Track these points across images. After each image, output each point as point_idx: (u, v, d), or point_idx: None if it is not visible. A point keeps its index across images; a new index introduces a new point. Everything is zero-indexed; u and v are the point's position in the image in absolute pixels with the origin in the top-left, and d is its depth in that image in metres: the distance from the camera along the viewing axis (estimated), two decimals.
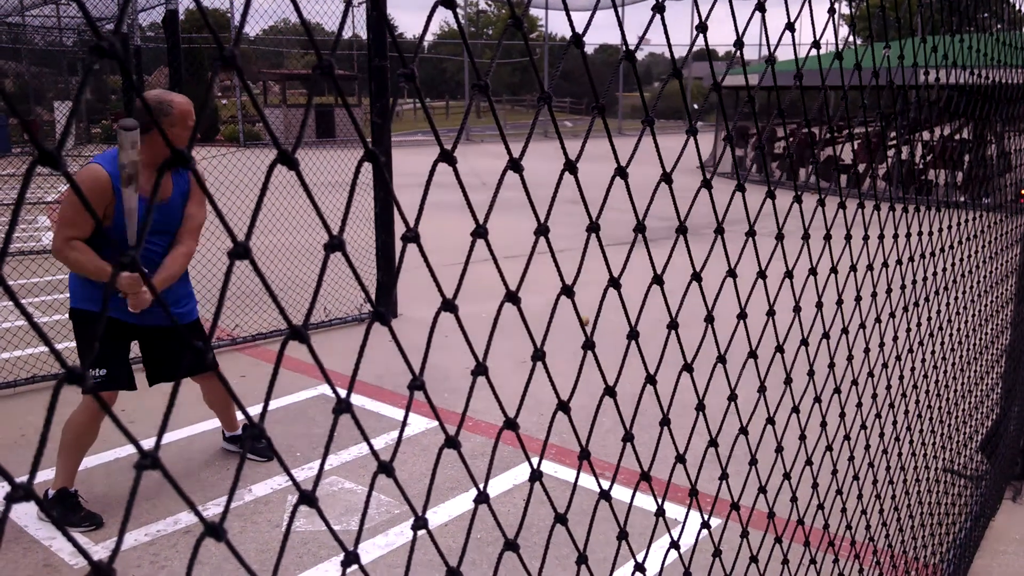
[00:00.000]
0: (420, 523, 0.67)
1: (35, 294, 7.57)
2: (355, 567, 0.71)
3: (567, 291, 0.73)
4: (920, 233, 2.10)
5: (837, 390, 1.52)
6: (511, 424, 0.72)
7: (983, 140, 3.99)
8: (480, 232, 0.62)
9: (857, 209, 1.61)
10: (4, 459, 4.54)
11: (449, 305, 0.63)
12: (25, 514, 3.95)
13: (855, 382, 1.61)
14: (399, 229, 6.87)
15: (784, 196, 1.25)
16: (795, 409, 1.32)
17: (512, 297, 0.68)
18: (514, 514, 3.86)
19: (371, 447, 0.67)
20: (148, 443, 4.69)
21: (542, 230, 0.68)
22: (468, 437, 4.85)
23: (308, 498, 0.59)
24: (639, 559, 0.98)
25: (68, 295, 4.00)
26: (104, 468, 4.39)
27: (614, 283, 0.78)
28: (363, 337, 0.64)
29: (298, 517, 3.95)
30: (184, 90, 6.23)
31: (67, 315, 3.98)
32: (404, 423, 0.68)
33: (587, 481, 4.26)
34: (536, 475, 0.75)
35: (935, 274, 2.23)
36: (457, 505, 4.04)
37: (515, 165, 0.66)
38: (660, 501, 0.99)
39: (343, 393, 0.64)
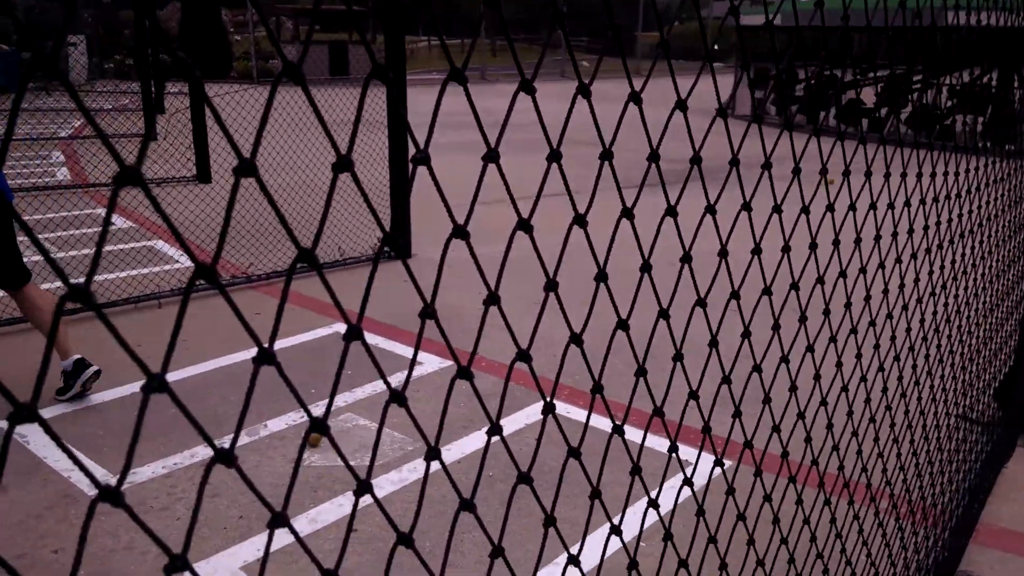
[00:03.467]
0: (432, 454, 0.66)
1: (51, 229, 7.60)
2: (368, 498, 0.71)
3: (579, 220, 0.71)
4: (945, 173, 2.05)
5: (853, 330, 1.50)
6: (523, 356, 0.71)
7: (1009, 85, 3.88)
8: (492, 156, 0.60)
9: (877, 150, 1.56)
10: (18, 394, 4.60)
11: (460, 231, 0.61)
12: (44, 445, 4.02)
13: (872, 323, 1.59)
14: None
15: (802, 139, 1.22)
16: (810, 348, 1.30)
17: (524, 225, 0.66)
18: (526, 453, 3.90)
19: (384, 377, 0.65)
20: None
21: (555, 155, 0.66)
22: (482, 377, 4.88)
23: (320, 425, 0.58)
24: (652, 495, 0.97)
25: (83, 231, 4.01)
26: (119, 403, 4.45)
27: (627, 213, 0.75)
28: (371, 269, 0.62)
29: (313, 453, 4.00)
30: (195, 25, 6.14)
31: (83, 251, 4.00)
32: (416, 351, 0.67)
33: (599, 422, 4.28)
34: (549, 407, 0.74)
35: (959, 216, 2.18)
36: (470, 443, 4.08)
37: (527, 86, 0.63)
38: (673, 438, 0.98)
39: (358, 329, 0.63)
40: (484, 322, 0.70)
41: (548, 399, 0.73)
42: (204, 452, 3.98)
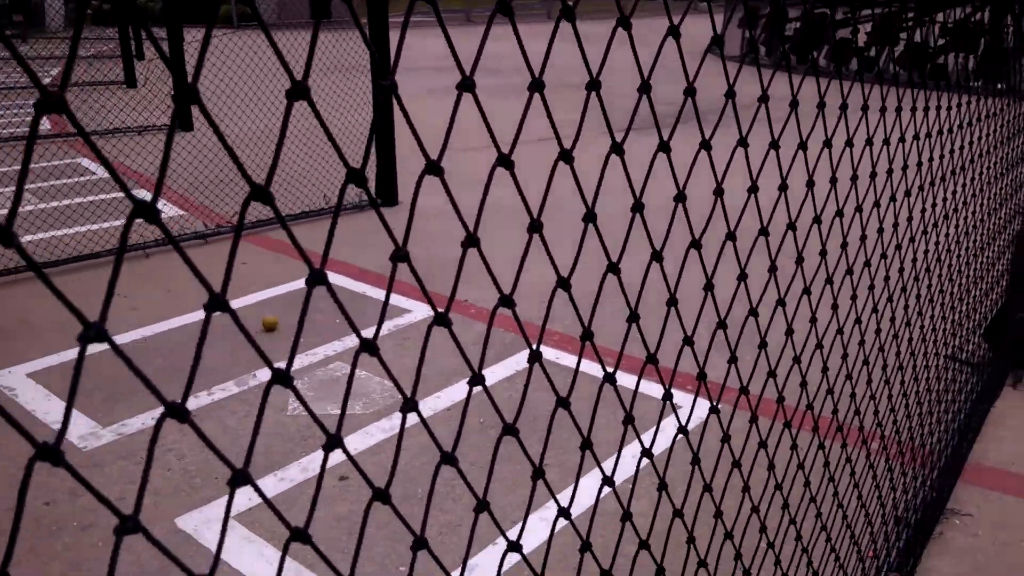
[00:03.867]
0: (409, 405, 0.62)
1: (30, 180, 7.47)
2: (360, 446, 0.67)
3: (564, 156, 0.67)
4: (938, 108, 2.00)
5: (849, 271, 1.47)
6: (506, 301, 0.67)
7: (1001, 22, 3.80)
8: (467, 85, 0.55)
9: (871, 89, 1.52)
10: (5, 347, 4.56)
11: (434, 168, 0.57)
12: (32, 399, 4.00)
13: (867, 263, 1.55)
14: (398, 112, 6.70)
15: (796, 79, 1.17)
16: (806, 291, 1.26)
17: (504, 161, 0.62)
18: (516, 399, 3.89)
19: (352, 324, 0.62)
20: (147, 330, 4.70)
21: (537, 85, 0.61)
22: (470, 326, 4.86)
23: (282, 377, 0.54)
24: (646, 443, 0.95)
25: (63, 181, 3.92)
26: (109, 354, 4.40)
27: (616, 149, 0.71)
28: (333, 217, 0.58)
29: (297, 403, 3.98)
30: None
31: (64, 201, 3.92)
32: (388, 294, 0.63)
33: (590, 368, 4.28)
34: (535, 355, 0.70)
35: (951, 152, 2.14)
36: (460, 391, 4.08)
37: (504, 6, 0.58)
38: (667, 384, 0.95)
39: (347, 284, 0.59)
40: (462, 263, 0.66)
41: (534, 347, 0.70)
42: (193, 404, 3.96)
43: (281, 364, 0.64)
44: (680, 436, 1.07)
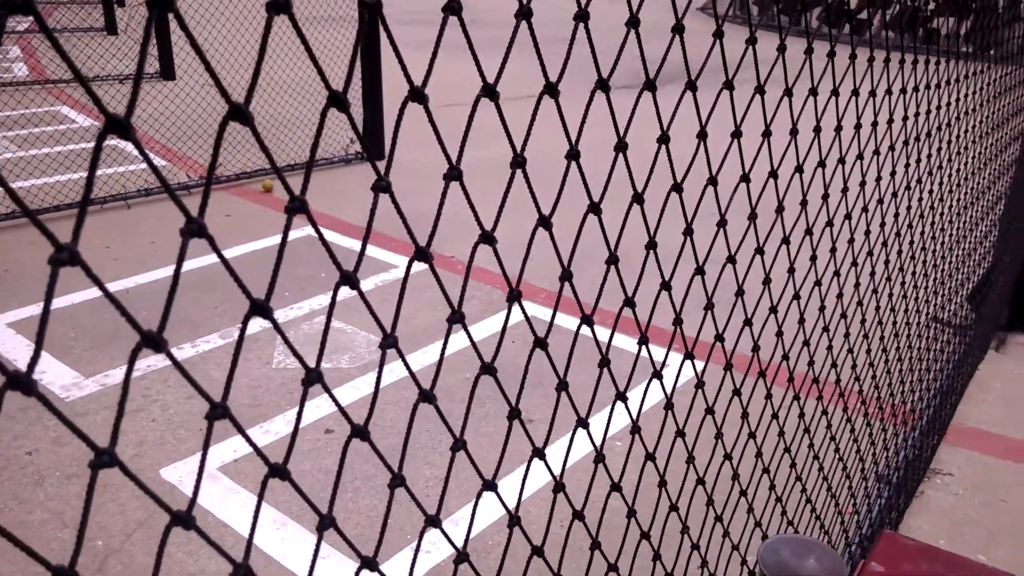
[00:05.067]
0: (389, 342, 0.62)
1: (8, 127, 7.35)
2: (344, 399, 0.67)
3: (550, 89, 0.66)
4: (927, 61, 1.99)
5: (830, 223, 1.47)
6: (488, 238, 0.67)
7: None
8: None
9: (854, 52, 1.51)
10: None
11: (418, 95, 0.56)
12: (14, 348, 3.98)
13: (848, 216, 1.56)
14: (386, 68, 6.61)
15: (789, 41, 1.16)
16: (785, 240, 1.27)
17: (490, 92, 0.61)
18: (503, 354, 3.91)
19: (337, 263, 0.61)
20: (129, 281, 4.68)
21: (524, 12, 0.60)
22: (456, 281, 4.85)
23: (262, 307, 0.54)
24: (621, 389, 0.96)
25: (43, 128, 3.86)
26: (90, 305, 4.39)
27: (602, 85, 0.70)
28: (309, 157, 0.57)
29: (288, 355, 3.99)
30: None
31: (44, 149, 3.86)
32: (365, 242, 0.62)
33: (572, 323, 4.30)
34: (514, 296, 0.70)
35: (937, 108, 2.14)
36: (448, 345, 4.09)
37: None
38: (644, 330, 0.96)
39: (333, 239, 0.58)
40: (444, 197, 0.65)
41: (514, 286, 0.70)
42: (179, 355, 3.96)
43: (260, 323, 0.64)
44: (656, 387, 1.07)
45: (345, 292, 3.19)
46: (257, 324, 4.28)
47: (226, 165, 6.50)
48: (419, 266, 3.29)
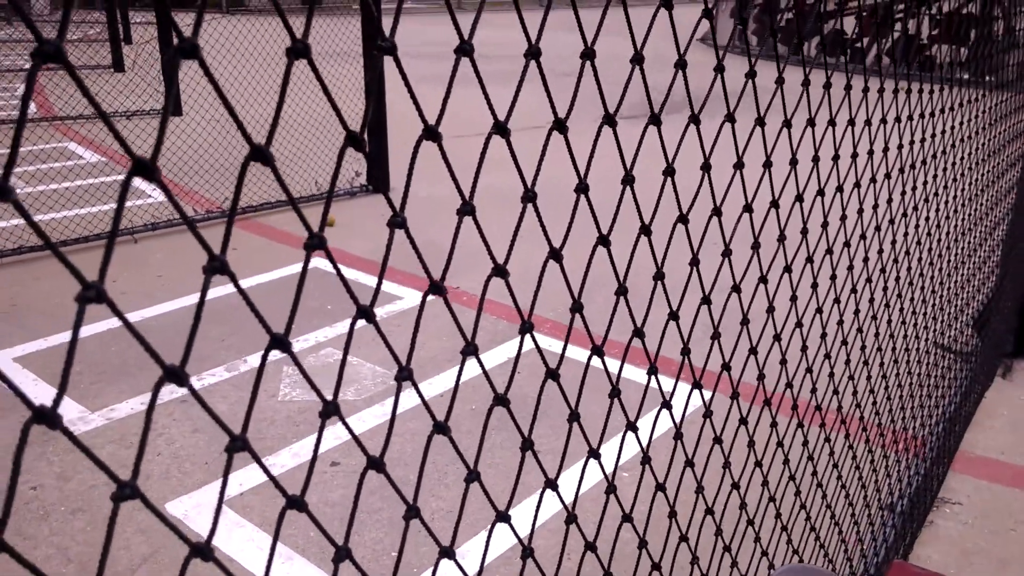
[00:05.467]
0: (404, 374, 0.64)
1: (17, 164, 7.41)
2: (348, 433, 0.69)
3: (559, 126, 0.68)
4: (920, 91, 2.01)
5: (829, 251, 1.48)
6: (500, 271, 0.68)
7: (990, 15, 3.82)
8: (464, 49, 0.56)
9: (852, 77, 1.53)
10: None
11: (433, 134, 0.58)
12: (21, 383, 3.99)
13: (847, 243, 1.57)
14: (390, 100, 6.68)
15: (788, 70, 1.18)
16: (787, 269, 1.28)
17: (501, 129, 0.63)
18: (514, 386, 3.91)
19: (348, 288, 0.63)
20: (136, 315, 4.69)
21: (534, 53, 0.62)
22: (462, 312, 4.87)
23: (280, 341, 0.55)
24: (631, 419, 0.96)
25: (51, 164, 3.90)
26: (98, 339, 4.41)
27: (608, 120, 0.72)
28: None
29: (294, 387, 3.99)
30: None
31: (52, 185, 3.90)
32: (381, 276, 0.64)
33: (580, 354, 4.29)
34: (526, 327, 0.72)
35: (932, 136, 2.16)
36: (452, 378, 4.09)
37: None
38: (653, 359, 0.97)
39: (338, 269, 0.60)
40: (458, 232, 0.67)
41: (526, 318, 0.71)
42: (183, 389, 3.96)
43: (274, 352, 0.65)
44: (665, 418, 1.08)
45: (348, 324, 3.18)
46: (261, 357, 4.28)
47: (231, 199, 6.55)
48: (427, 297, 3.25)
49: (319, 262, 5.60)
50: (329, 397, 0.65)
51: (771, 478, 1.47)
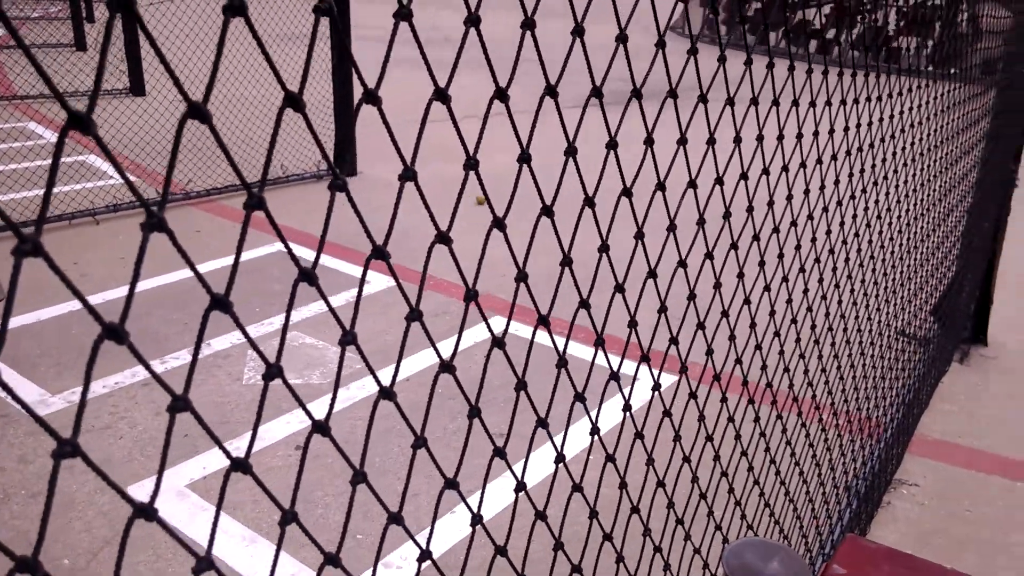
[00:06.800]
0: (346, 339, 0.64)
1: None
2: (314, 417, 0.69)
3: (500, 94, 0.68)
4: (890, 95, 2.05)
5: (797, 246, 1.51)
6: (444, 239, 0.69)
7: (957, 7, 3.88)
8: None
9: (824, 76, 1.55)
10: None
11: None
12: None
13: (794, 223, 1.60)
14: (357, 82, 6.62)
15: (757, 60, 1.19)
16: (761, 262, 1.30)
17: (440, 95, 0.63)
18: (474, 370, 3.92)
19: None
20: (98, 297, 4.63)
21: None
22: (428, 296, 4.86)
23: (221, 302, 0.55)
24: (594, 415, 0.98)
25: (11, 144, 3.83)
26: (56, 322, 4.35)
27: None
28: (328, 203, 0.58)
29: (257, 371, 3.97)
30: None
31: (11, 165, 3.82)
32: (324, 234, 0.64)
33: (546, 338, 4.33)
34: (471, 295, 0.72)
35: (896, 147, 2.19)
36: (418, 361, 4.09)
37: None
38: (600, 332, 0.98)
39: (304, 254, 0.60)
40: (400, 197, 0.67)
41: (471, 286, 0.72)
42: (147, 373, 3.92)
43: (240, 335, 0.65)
44: (615, 387, 1.09)
45: (317, 308, 3.24)
46: (227, 340, 4.25)
47: (196, 181, 6.47)
48: (391, 281, 3.33)
49: (280, 245, 5.55)
50: (300, 384, 0.65)
51: (723, 453, 1.49)
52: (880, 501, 3.23)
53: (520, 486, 0.82)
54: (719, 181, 1.06)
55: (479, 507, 0.80)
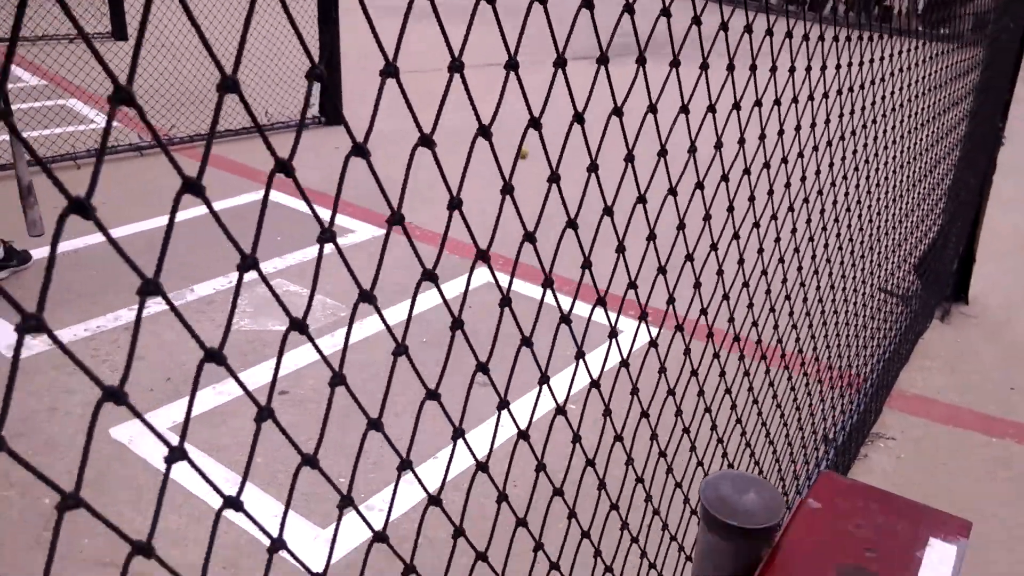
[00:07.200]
0: (365, 297, 0.63)
1: None
2: (299, 361, 0.68)
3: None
4: (870, 38, 2.03)
5: (770, 191, 1.51)
6: (455, 204, 0.68)
7: None
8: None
9: (811, 27, 1.53)
10: None
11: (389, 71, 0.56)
12: None
13: (788, 184, 1.60)
14: (345, 28, 6.51)
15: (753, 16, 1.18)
16: (730, 208, 1.30)
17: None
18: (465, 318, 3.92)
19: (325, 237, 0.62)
20: (78, 242, 4.58)
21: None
22: (418, 245, 4.84)
23: (251, 263, 0.54)
24: (581, 351, 0.98)
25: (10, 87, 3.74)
26: (35, 265, 4.30)
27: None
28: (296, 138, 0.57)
29: (243, 317, 3.96)
30: None
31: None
32: (336, 202, 0.63)
33: (533, 291, 4.34)
34: (483, 255, 0.72)
35: (880, 99, 2.18)
36: (404, 310, 4.09)
37: None
38: (602, 294, 0.98)
39: (281, 199, 0.59)
40: (411, 163, 0.66)
41: (482, 248, 0.71)
42: (128, 315, 3.91)
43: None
44: (616, 352, 1.10)
45: (301, 256, 3.22)
46: (209, 286, 4.23)
47: (179, 127, 6.37)
48: (377, 231, 3.31)
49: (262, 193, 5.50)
50: (275, 335, 0.64)
51: (707, 389, 1.51)
52: (857, 453, 3.29)
53: (503, 404, 0.83)
54: (684, 109, 1.05)
55: (461, 421, 0.80)
